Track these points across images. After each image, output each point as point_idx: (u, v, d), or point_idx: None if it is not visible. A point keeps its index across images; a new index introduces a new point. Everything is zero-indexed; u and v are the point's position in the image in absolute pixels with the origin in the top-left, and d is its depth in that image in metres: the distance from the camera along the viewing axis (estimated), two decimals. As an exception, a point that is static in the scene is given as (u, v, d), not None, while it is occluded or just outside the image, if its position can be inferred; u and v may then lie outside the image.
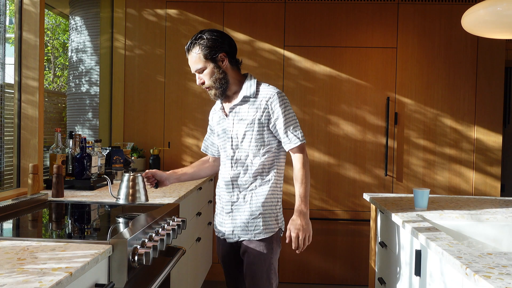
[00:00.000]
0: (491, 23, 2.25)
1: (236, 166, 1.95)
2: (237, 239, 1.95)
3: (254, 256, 1.92)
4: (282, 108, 1.90)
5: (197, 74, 1.94)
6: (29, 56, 2.47)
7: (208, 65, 1.90)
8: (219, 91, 1.92)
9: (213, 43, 1.89)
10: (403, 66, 3.72)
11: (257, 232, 1.92)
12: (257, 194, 1.93)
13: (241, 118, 1.93)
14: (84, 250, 1.30)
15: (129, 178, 1.93)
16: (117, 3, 3.82)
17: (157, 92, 3.83)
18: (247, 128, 1.91)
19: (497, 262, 1.29)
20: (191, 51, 1.92)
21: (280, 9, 3.76)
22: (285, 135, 1.90)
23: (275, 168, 1.96)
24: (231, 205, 1.96)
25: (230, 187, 1.96)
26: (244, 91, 1.93)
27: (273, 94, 1.91)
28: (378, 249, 2.46)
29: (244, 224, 1.92)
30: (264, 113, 1.90)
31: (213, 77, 1.90)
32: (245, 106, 1.93)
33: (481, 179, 3.69)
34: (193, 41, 1.91)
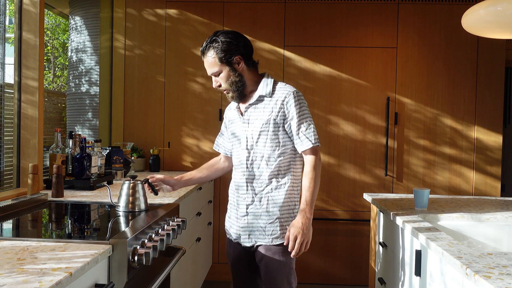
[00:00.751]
0: (491, 23, 2.25)
1: (252, 167, 1.91)
2: (253, 243, 1.91)
3: (273, 263, 1.87)
4: (297, 108, 1.86)
5: (213, 77, 1.91)
6: (29, 56, 2.47)
7: (223, 68, 1.87)
8: (236, 93, 1.90)
9: (228, 46, 1.86)
10: (403, 66, 3.72)
11: (275, 237, 1.87)
12: (273, 198, 1.88)
13: (256, 117, 1.90)
14: (84, 250, 1.30)
15: (129, 186, 1.92)
16: (117, 3, 3.82)
17: (157, 92, 3.82)
18: (262, 128, 1.88)
19: (497, 262, 1.29)
20: (206, 55, 1.89)
21: (280, 9, 3.76)
22: (297, 136, 1.86)
23: (291, 170, 1.91)
24: (246, 208, 1.92)
25: (244, 189, 1.92)
26: (259, 91, 1.90)
27: (289, 94, 1.87)
28: (378, 249, 2.46)
29: (262, 228, 1.88)
30: (279, 112, 1.87)
31: (229, 80, 1.88)
32: (261, 106, 1.90)
33: (481, 179, 3.69)
34: (207, 44, 1.89)
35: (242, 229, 1.93)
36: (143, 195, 1.95)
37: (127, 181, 1.93)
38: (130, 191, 1.91)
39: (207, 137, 3.79)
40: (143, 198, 1.94)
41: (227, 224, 2.04)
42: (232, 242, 2.02)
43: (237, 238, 1.96)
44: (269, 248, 1.88)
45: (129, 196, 1.91)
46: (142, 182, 1.96)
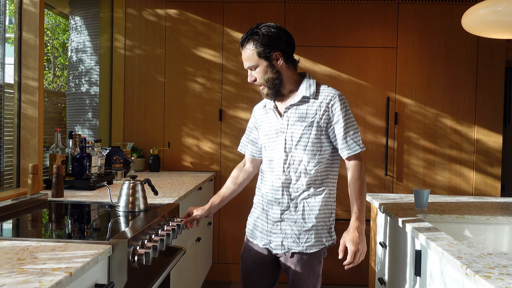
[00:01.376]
0: (491, 23, 2.25)
1: (289, 171, 1.81)
2: (286, 250, 1.83)
3: (304, 271, 1.82)
4: (343, 112, 1.78)
5: (249, 71, 1.83)
6: (29, 56, 2.47)
7: (261, 63, 1.79)
8: (272, 91, 1.81)
9: (269, 40, 1.76)
10: (403, 66, 3.72)
11: (309, 245, 1.82)
12: (310, 205, 1.81)
13: (298, 119, 1.81)
14: (84, 250, 1.30)
15: (129, 186, 1.92)
16: (117, 3, 3.82)
17: (157, 92, 3.82)
18: (304, 130, 1.79)
19: (497, 262, 1.29)
20: (244, 47, 1.80)
21: (280, 9, 3.76)
22: (344, 141, 1.78)
23: (329, 177, 1.85)
24: (280, 213, 1.83)
25: (279, 194, 1.83)
26: (303, 91, 1.81)
27: (335, 96, 1.80)
28: (378, 249, 2.46)
29: (296, 235, 1.81)
30: (324, 115, 1.79)
31: (265, 76, 1.80)
32: (304, 107, 1.81)
33: (481, 179, 3.69)
34: (248, 36, 1.79)
35: (274, 235, 1.85)
36: (143, 195, 1.95)
37: (127, 181, 1.93)
38: (130, 191, 1.91)
39: (207, 137, 3.79)
40: (143, 198, 1.94)
41: (252, 227, 1.95)
42: (255, 247, 1.93)
43: (266, 244, 1.88)
44: (301, 257, 1.83)
45: (129, 196, 1.91)
46: (142, 182, 1.96)
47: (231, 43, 3.77)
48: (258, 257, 1.92)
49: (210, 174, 3.60)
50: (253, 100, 3.76)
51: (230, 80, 3.78)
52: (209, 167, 3.81)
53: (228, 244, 3.82)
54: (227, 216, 3.81)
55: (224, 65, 3.78)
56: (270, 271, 1.93)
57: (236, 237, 3.80)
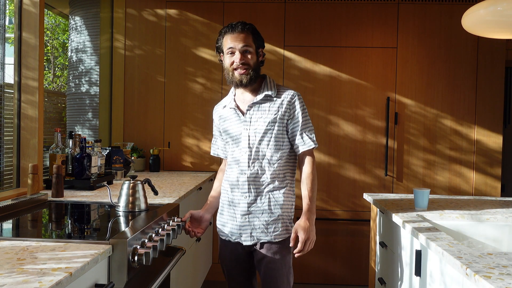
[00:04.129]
0: (491, 23, 2.25)
1: (254, 166, 1.91)
2: (255, 241, 1.91)
3: (274, 261, 1.89)
4: (301, 110, 1.93)
5: (238, 53, 1.89)
6: (29, 56, 2.47)
7: (253, 49, 1.91)
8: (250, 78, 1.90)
9: (260, 37, 1.96)
10: (403, 66, 3.72)
11: (277, 234, 1.89)
12: (275, 196, 1.90)
13: (260, 116, 1.92)
14: (84, 250, 1.30)
15: (129, 186, 1.92)
16: (117, 3, 3.82)
17: (157, 92, 3.82)
18: (268, 126, 1.90)
19: (497, 262, 1.29)
20: (243, 29, 1.90)
21: (280, 9, 3.76)
22: (301, 137, 1.91)
23: (289, 170, 1.95)
24: (247, 206, 1.91)
25: (246, 188, 1.91)
26: (266, 90, 1.94)
27: (295, 95, 1.94)
28: (378, 249, 2.46)
29: (264, 226, 1.89)
30: (286, 112, 1.91)
31: (253, 61, 1.91)
32: (266, 105, 1.93)
33: (481, 179, 3.69)
34: (247, 23, 1.92)
35: (242, 228, 1.92)
36: (143, 195, 1.95)
37: (127, 181, 1.93)
38: (130, 191, 1.91)
39: (207, 137, 3.79)
40: (143, 198, 1.94)
41: (221, 225, 2.01)
42: (228, 244, 1.99)
43: (237, 238, 1.95)
44: (271, 247, 1.89)
45: (129, 196, 1.91)
46: (142, 182, 1.96)
47: (231, 43, 3.76)
48: (234, 254, 1.99)
49: (210, 174, 3.60)
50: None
51: (230, 80, 3.77)
52: (209, 167, 3.81)
53: (228, 244, 3.81)
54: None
55: (224, 65, 3.77)
56: (247, 264, 2.00)
57: (236, 237, 3.80)
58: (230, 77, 1.93)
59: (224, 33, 1.93)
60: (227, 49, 1.91)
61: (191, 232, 2.00)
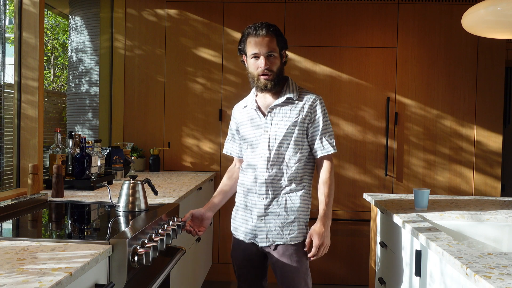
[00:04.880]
0: (491, 23, 2.25)
1: (272, 168, 1.90)
2: (270, 243, 1.90)
3: (291, 264, 1.88)
4: (322, 115, 1.92)
5: (263, 58, 1.85)
6: (29, 56, 2.47)
7: (277, 54, 1.89)
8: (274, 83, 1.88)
9: (283, 38, 1.92)
10: (403, 66, 3.72)
11: (292, 237, 1.89)
12: (292, 199, 1.89)
13: (281, 119, 1.90)
14: (84, 250, 1.30)
15: (129, 186, 1.92)
16: (117, 3, 3.82)
17: (157, 92, 3.82)
18: (288, 129, 1.89)
19: (497, 262, 1.29)
20: (268, 33, 1.85)
21: (280, 9, 3.76)
22: (320, 142, 1.90)
23: (307, 174, 1.94)
24: (264, 208, 1.90)
25: (263, 190, 1.90)
26: (287, 93, 1.92)
27: (316, 99, 1.92)
28: (378, 249, 2.46)
29: (279, 228, 1.88)
30: (307, 116, 1.90)
31: (277, 66, 1.89)
32: (287, 108, 1.91)
33: (481, 179, 3.69)
34: (271, 25, 1.88)
35: (259, 229, 1.91)
36: (143, 195, 1.95)
37: (127, 181, 1.93)
38: (130, 191, 1.91)
39: (208, 137, 3.79)
40: (143, 198, 1.94)
41: (236, 226, 2.01)
42: (242, 244, 1.98)
43: (252, 238, 1.94)
44: (286, 249, 1.89)
45: (129, 196, 1.91)
46: (142, 182, 1.96)
47: (231, 43, 3.77)
48: (247, 253, 1.98)
49: (210, 174, 3.60)
50: (253, 100, 3.76)
51: (230, 80, 3.78)
52: (209, 167, 3.81)
53: (228, 244, 3.81)
54: (227, 216, 3.81)
55: (224, 65, 3.78)
56: (260, 264, 2.00)
57: (236, 237, 3.80)
58: (255, 82, 1.91)
59: (247, 36, 1.89)
60: (251, 54, 1.88)
61: (192, 231, 1.98)
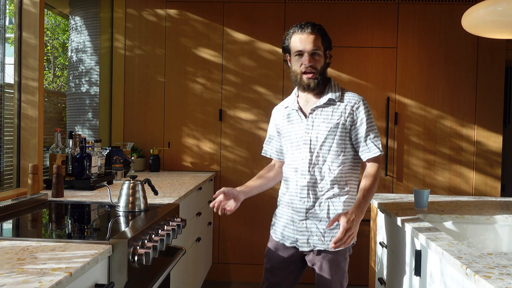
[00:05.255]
0: (491, 23, 2.25)
1: (314, 171, 1.87)
2: (311, 248, 1.88)
3: (330, 268, 1.87)
4: (366, 115, 1.87)
5: (307, 55, 1.84)
6: (29, 56, 2.47)
7: (322, 53, 1.87)
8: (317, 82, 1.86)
9: (329, 39, 1.91)
10: (403, 66, 3.72)
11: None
12: (334, 204, 1.86)
13: (323, 121, 1.87)
14: (84, 250, 1.30)
15: (129, 186, 1.92)
16: (117, 3, 3.82)
17: (157, 92, 3.82)
18: (329, 132, 1.85)
19: (497, 262, 1.29)
20: (314, 32, 1.84)
21: (280, 9, 3.76)
22: (365, 143, 1.86)
23: (352, 178, 1.91)
24: (305, 212, 1.88)
25: (305, 193, 1.88)
26: (329, 94, 1.89)
27: (359, 101, 1.89)
28: (378, 249, 2.46)
29: (321, 233, 1.86)
30: (348, 118, 1.86)
31: (321, 65, 1.87)
32: (329, 109, 1.88)
33: (481, 179, 3.69)
34: (316, 24, 1.87)
35: (300, 233, 1.89)
36: (143, 195, 1.95)
37: (127, 181, 1.93)
38: (130, 191, 1.91)
39: (208, 137, 3.79)
40: (143, 198, 1.94)
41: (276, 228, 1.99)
42: (280, 246, 1.96)
43: (293, 242, 1.92)
44: (326, 255, 1.87)
45: (129, 196, 1.91)
46: (142, 182, 1.96)
47: (231, 43, 3.77)
48: (284, 255, 1.96)
49: (210, 174, 3.60)
50: (253, 100, 3.76)
51: (230, 80, 3.78)
52: (209, 167, 3.81)
53: (228, 244, 3.82)
54: (227, 216, 3.81)
55: (224, 65, 3.78)
56: (295, 268, 1.99)
57: (236, 237, 3.80)
58: (298, 80, 1.88)
59: (292, 34, 1.88)
60: (295, 52, 1.87)
61: (221, 209, 1.88)
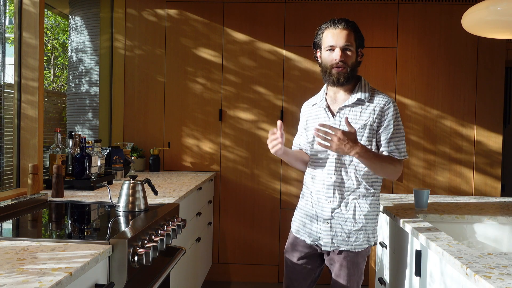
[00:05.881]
0: (491, 23, 2.25)
1: (340, 170, 1.86)
2: (335, 248, 1.88)
3: (349, 268, 1.87)
4: (394, 118, 1.85)
5: (339, 50, 1.83)
6: (29, 56, 2.47)
7: (353, 49, 1.86)
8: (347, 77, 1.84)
9: (362, 37, 1.90)
10: (403, 66, 3.72)
11: (357, 244, 1.87)
12: (361, 205, 1.86)
13: (351, 120, 1.85)
14: (84, 250, 1.30)
15: (129, 186, 1.92)
16: (117, 3, 3.82)
17: (157, 92, 3.82)
18: (358, 132, 1.83)
19: (497, 262, 1.29)
20: (347, 27, 1.84)
21: (280, 9, 3.76)
22: (386, 145, 1.84)
23: (378, 180, 1.90)
24: (331, 211, 1.87)
25: (331, 192, 1.87)
26: (358, 94, 1.87)
27: (389, 102, 1.86)
28: (378, 249, 2.46)
29: (346, 234, 1.86)
30: (377, 119, 1.84)
31: (352, 61, 1.85)
32: (357, 109, 1.86)
33: (481, 179, 3.69)
34: (349, 21, 1.86)
35: (324, 232, 1.88)
36: (143, 195, 1.95)
37: (127, 181, 1.93)
38: (130, 191, 1.91)
39: (208, 137, 3.79)
40: (143, 198, 1.94)
41: (299, 225, 1.99)
42: (301, 244, 1.97)
43: (315, 241, 1.92)
44: (348, 255, 1.87)
45: (129, 196, 1.91)
46: (142, 182, 1.96)
47: (231, 43, 3.77)
48: (304, 253, 1.97)
49: (210, 174, 3.60)
50: (253, 100, 3.76)
51: (230, 80, 3.78)
52: (209, 167, 3.81)
53: (228, 244, 3.81)
54: (227, 216, 3.81)
55: (224, 65, 3.78)
56: (315, 266, 2.00)
57: (236, 237, 3.80)
58: (327, 75, 1.87)
59: (324, 29, 1.87)
60: (327, 46, 1.85)
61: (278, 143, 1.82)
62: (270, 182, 3.77)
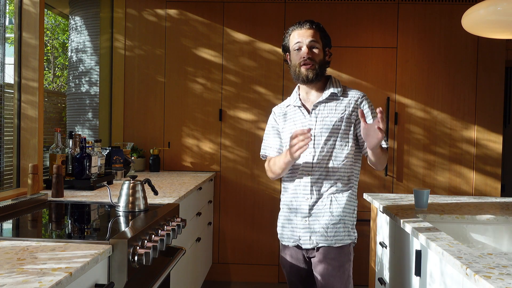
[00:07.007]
0: (491, 23, 2.25)
1: (318, 167, 1.87)
2: (314, 245, 1.87)
3: (332, 267, 1.85)
4: (371, 110, 1.89)
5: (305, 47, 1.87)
6: (29, 56, 2.47)
7: (320, 46, 1.90)
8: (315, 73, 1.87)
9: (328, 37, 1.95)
10: (403, 66, 3.72)
11: (337, 239, 1.86)
12: (338, 199, 1.86)
13: (327, 115, 1.88)
14: (84, 250, 1.30)
15: (129, 186, 1.92)
16: (117, 3, 3.82)
17: (157, 92, 3.83)
18: (334, 125, 1.86)
19: (498, 262, 1.29)
20: (312, 27, 1.89)
21: (280, 9, 3.76)
22: None
23: (354, 174, 1.91)
24: (309, 209, 1.87)
25: (308, 190, 1.88)
26: (331, 89, 1.91)
27: (362, 95, 1.91)
28: (378, 249, 2.45)
29: (324, 229, 1.85)
30: (353, 112, 1.88)
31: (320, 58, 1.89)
32: (332, 104, 1.89)
33: (481, 179, 3.69)
34: (315, 22, 1.92)
35: (302, 230, 1.89)
36: (143, 195, 1.95)
37: (127, 181, 1.93)
38: (130, 191, 1.91)
39: (207, 137, 3.79)
40: (143, 198, 1.94)
41: (282, 229, 1.98)
42: (288, 249, 1.96)
43: (296, 241, 1.92)
44: (329, 252, 1.86)
45: (129, 196, 1.91)
46: (142, 182, 1.96)
47: (231, 43, 3.77)
48: (294, 259, 1.96)
49: (210, 174, 3.60)
50: (253, 100, 3.76)
51: (230, 80, 3.78)
52: (209, 167, 3.81)
53: (228, 244, 3.82)
54: (227, 216, 3.81)
55: (224, 65, 3.78)
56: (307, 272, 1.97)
57: (236, 237, 3.80)
58: (297, 73, 1.90)
59: (291, 31, 1.93)
60: (294, 44, 1.90)
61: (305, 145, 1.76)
62: (270, 182, 3.77)
